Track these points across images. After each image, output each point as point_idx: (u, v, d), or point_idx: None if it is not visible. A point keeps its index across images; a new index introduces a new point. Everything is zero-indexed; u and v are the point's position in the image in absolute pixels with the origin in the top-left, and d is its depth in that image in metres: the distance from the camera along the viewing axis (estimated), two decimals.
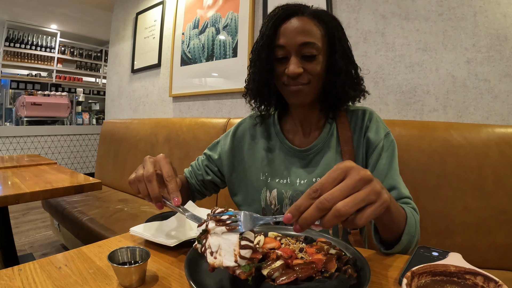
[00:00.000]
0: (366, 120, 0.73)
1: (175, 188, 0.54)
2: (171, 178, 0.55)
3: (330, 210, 0.36)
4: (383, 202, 0.38)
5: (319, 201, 0.37)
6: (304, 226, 0.37)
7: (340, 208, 0.36)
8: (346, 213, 0.36)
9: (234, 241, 0.37)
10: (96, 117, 5.03)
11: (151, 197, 0.54)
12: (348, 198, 0.37)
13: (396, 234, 0.54)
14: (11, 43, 4.28)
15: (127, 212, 1.67)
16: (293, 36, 0.65)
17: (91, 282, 0.43)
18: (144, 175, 0.54)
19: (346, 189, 0.37)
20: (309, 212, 0.37)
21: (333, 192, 0.37)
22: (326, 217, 0.37)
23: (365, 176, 0.38)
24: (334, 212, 0.36)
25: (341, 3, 1.43)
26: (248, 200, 0.80)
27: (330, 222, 0.36)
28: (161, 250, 0.55)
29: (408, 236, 0.54)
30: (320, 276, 0.39)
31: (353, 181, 0.37)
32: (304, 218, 0.37)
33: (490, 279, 0.32)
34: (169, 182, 0.54)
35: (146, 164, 0.56)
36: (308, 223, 0.37)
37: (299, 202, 0.38)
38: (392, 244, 0.54)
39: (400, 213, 0.53)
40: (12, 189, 1.04)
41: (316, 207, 0.37)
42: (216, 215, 0.40)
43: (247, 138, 0.83)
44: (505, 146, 0.94)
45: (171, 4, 2.30)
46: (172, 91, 2.23)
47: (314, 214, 0.37)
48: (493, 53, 1.08)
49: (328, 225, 0.37)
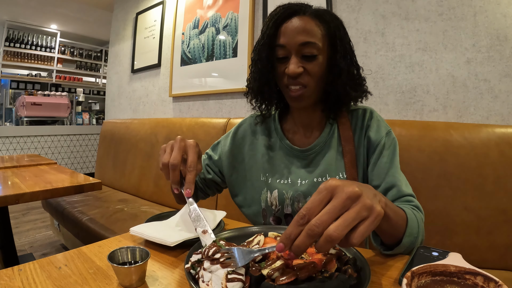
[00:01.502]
0: (366, 119, 0.73)
1: (191, 179, 0.56)
2: (192, 169, 0.57)
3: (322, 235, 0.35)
4: (376, 215, 0.36)
5: (308, 228, 0.35)
6: (298, 254, 0.36)
7: (331, 233, 0.34)
8: (338, 237, 0.34)
9: (221, 275, 0.38)
10: (96, 117, 5.03)
11: (171, 182, 0.57)
12: (338, 220, 0.35)
13: (397, 237, 0.53)
14: (11, 43, 4.28)
15: (127, 212, 1.67)
16: (294, 35, 0.65)
17: (91, 282, 0.43)
18: (170, 162, 0.56)
19: (334, 210, 0.35)
20: (300, 240, 0.35)
21: (321, 217, 0.35)
22: (318, 243, 0.35)
23: (352, 193, 0.36)
24: (326, 237, 0.34)
25: (341, 3, 1.43)
26: (249, 201, 0.80)
27: (323, 247, 0.35)
28: (161, 250, 0.55)
29: (409, 238, 0.53)
30: (320, 276, 0.39)
31: (340, 201, 0.35)
32: (297, 246, 0.35)
33: (490, 279, 0.32)
34: (188, 173, 0.57)
35: (175, 148, 0.58)
36: (302, 250, 0.35)
37: (289, 231, 0.36)
38: (394, 246, 0.53)
39: (400, 216, 0.52)
40: (12, 189, 1.04)
41: (306, 234, 0.35)
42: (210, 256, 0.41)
43: (248, 138, 0.83)
44: (505, 146, 0.94)
45: (171, 4, 2.30)
46: (172, 91, 2.23)
47: (305, 241, 0.35)
48: (493, 53, 1.08)
49: (322, 250, 0.35)
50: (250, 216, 0.80)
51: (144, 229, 0.59)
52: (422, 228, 0.58)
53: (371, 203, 0.36)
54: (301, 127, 0.78)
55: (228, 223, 0.71)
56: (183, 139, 0.60)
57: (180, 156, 0.57)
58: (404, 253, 0.55)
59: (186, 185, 0.56)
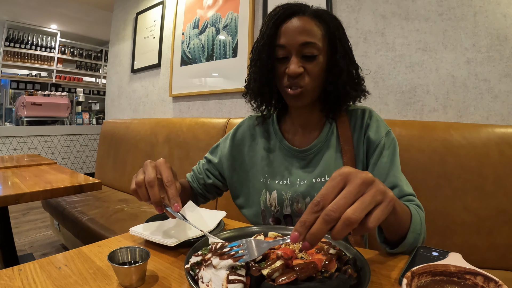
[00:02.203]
0: (366, 120, 0.72)
1: (175, 193, 0.54)
2: (171, 183, 0.54)
3: (339, 220, 0.35)
4: (390, 200, 0.38)
5: (325, 214, 0.35)
6: (314, 242, 0.36)
7: (350, 215, 0.34)
8: (357, 220, 0.34)
9: (222, 276, 0.37)
10: (96, 117, 5.03)
11: (152, 201, 0.53)
12: (355, 203, 0.35)
13: (401, 233, 0.53)
14: (11, 43, 4.28)
15: (127, 212, 1.67)
16: (294, 36, 0.65)
17: (91, 282, 0.43)
18: (146, 180, 0.53)
19: (350, 195, 0.36)
20: (317, 227, 0.35)
21: (338, 201, 0.35)
22: (336, 228, 0.35)
23: (366, 178, 0.37)
24: (344, 221, 0.34)
25: (341, 3, 1.43)
26: (249, 202, 0.80)
27: (341, 232, 0.35)
28: (161, 250, 0.55)
29: (413, 234, 0.53)
30: (320, 276, 0.39)
31: (356, 186, 0.36)
32: (313, 234, 0.35)
33: (490, 279, 0.32)
34: (169, 188, 0.54)
35: (147, 168, 0.55)
36: (318, 238, 0.35)
37: (304, 218, 0.36)
38: (398, 243, 0.54)
39: (405, 211, 0.53)
40: (12, 189, 1.04)
41: (323, 220, 0.35)
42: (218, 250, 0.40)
43: (247, 140, 0.83)
44: (505, 146, 0.94)
45: (171, 4, 2.30)
46: (172, 91, 2.23)
47: (322, 228, 0.35)
48: (493, 53, 1.08)
49: (339, 236, 0.35)
50: (250, 217, 0.80)
51: (144, 229, 0.59)
52: (424, 227, 0.59)
53: (384, 188, 0.37)
54: (299, 127, 0.77)
55: (228, 223, 0.71)
56: (152, 161, 0.57)
57: (154, 174, 0.54)
58: (405, 252, 0.55)
59: (172, 200, 0.53)
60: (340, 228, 0.34)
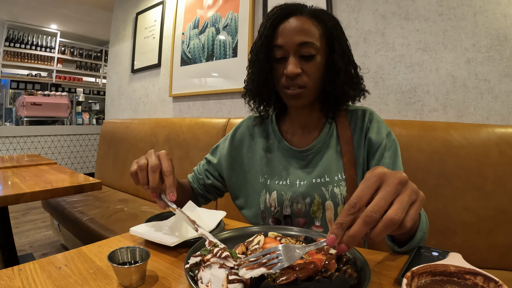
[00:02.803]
0: (366, 121, 0.72)
1: (171, 183, 0.55)
2: (169, 173, 0.56)
3: (379, 221, 0.34)
4: (422, 199, 0.38)
5: (365, 215, 0.34)
6: (351, 245, 0.35)
7: (393, 216, 0.34)
8: (399, 220, 0.34)
9: (222, 277, 0.37)
10: (96, 117, 5.03)
11: (150, 186, 0.55)
12: (395, 204, 0.35)
13: (411, 231, 0.54)
14: (11, 43, 4.28)
15: (127, 212, 1.67)
16: (292, 36, 0.65)
17: (91, 282, 0.43)
18: (149, 165, 0.55)
19: (388, 196, 0.35)
20: (356, 228, 0.35)
21: (378, 202, 0.35)
22: (376, 229, 0.34)
23: (402, 178, 0.37)
24: (387, 222, 0.34)
25: (341, 3, 1.43)
26: (249, 203, 0.80)
27: (382, 233, 0.34)
28: (161, 250, 0.55)
29: (421, 232, 0.54)
30: (320, 276, 0.39)
31: (393, 187, 0.36)
32: (351, 236, 0.35)
33: (490, 279, 0.32)
34: (166, 177, 0.56)
35: (151, 156, 0.57)
36: (356, 240, 0.35)
37: (340, 220, 0.36)
38: (406, 241, 0.54)
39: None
40: (12, 189, 1.04)
41: (363, 222, 0.34)
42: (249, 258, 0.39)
43: (246, 140, 0.83)
44: (505, 146, 0.94)
45: (171, 4, 2.30)
46: (172, 91, 2.23)
47: (362, 229, 0.35)
48: (493, 53, 1.08)
49: (378, 237, 0.35)
50: (250, 217, 0.80)
51: (144, 229, 0.59)
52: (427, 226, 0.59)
53: (416, 188, 0.38)
54: (299, 128, 0.77)
55: (228, 223, 0.71)
56: (155, 151, 0.59)
57: (158, 161, 0.55)
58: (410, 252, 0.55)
59: (168, 190, 0.54)
60: (382, 229, 0.34)
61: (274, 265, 0.37)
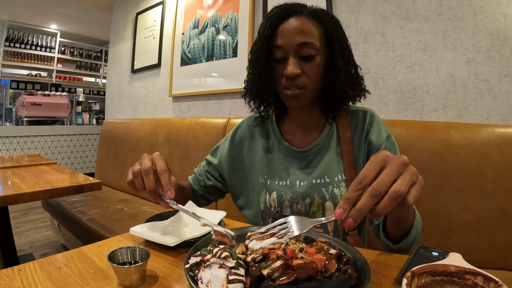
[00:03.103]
0: (367, 123, 0.72)
1: (167, 181, 0.55)
2: (164, 171, 0.56)
3: (385, 195, 0.37)
4: (421, 182, 0.41)
5: (372, 189, 0.37)
6: (358, 218, 0.38)
7: (397, 189, 0.37)
8: (404, 193, 0.37)
9: (221, 277, 0.37)
10: (96, 117, 5.03)
11: (147, 190, 0.55)
12: (399, 180, 0.38)
13: (405, 228, 0.55)
14: (11, 43, 4.28)
15: (127, 212, 1.67)
16: (291, 36, 0.64)
17: (91, 282, 0.43)
18: (142, 169, 0.55)
19: (392, 173, 0.39)
20: (363, 202, 0.37)
21: (383, 178, 0.38)
22: (382, 202, 0.37)
23: (404, 160, 0.40)
24: (392, 194, 0.37)
25: (341, 3, 1.43)
26: (249, 203, 0.80)
27: (387, 206, 0.37)
28: (161, 250, 0.55)
29: (415, 231, 0.55)
30: (320, 276, 0.39)
31: (396, 166, 0.39)
32: (358, 209, 0.37)
33: (490, 279, 0.32)
34: (161, 176, 0.55)
35: (144, 159, 0.57)
36: (363, 213, 0.37)
37: (347, 195, 0.39)
38: (401, 239, 0.56)
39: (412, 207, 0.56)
40: (12, 189, 1.04)
41: (370, 195, 0.37)
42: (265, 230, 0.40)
43: (246, 140, 0.83)
44: (505, 146, 0.94)
45: (171, 4, 2.30)
46: (172, 91, 2.23)
47: (368, 202, 0.37)
48: (493, 53, 1.08)
49: (384, 211, 0.37)
50: (250, 218, 0.80)
51: (144, 229, 0.59)
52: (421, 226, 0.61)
53: (416, 170, 0.41)
54: (299, 128, 0.77)
55: (228, 223, 0.71)
56: (148, 154, 0.59)
57: (150, 163, 0.55)
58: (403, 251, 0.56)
59: (165, 188, 0.54)
60: (388, 202, 0.37)
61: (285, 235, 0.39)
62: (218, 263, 0.39)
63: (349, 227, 0.38)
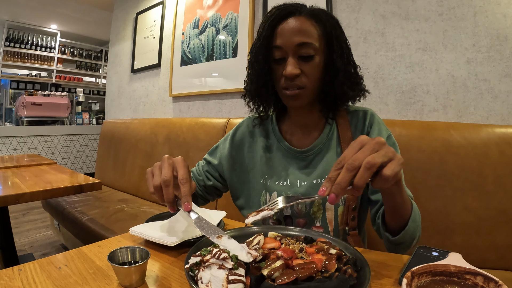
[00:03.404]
0: (367, 124, 0.72)
1: (187, 192, 0.53)
2: (185, 181, 0.53)
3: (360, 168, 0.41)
4: (399, 158, 0.44)
5: (347, 163, 0.42)
6: (339, 192, 0.41)
7: (369, 160, 0.41)
8: (376, 162, 0.41)
9: (221, 277, 0.37)
10: (96, 117, 5.03)
11: (166, 201, 0.53)
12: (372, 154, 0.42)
13: (403, 219, 0.57)
14: (11, 43, 4.28)
15: (127, 212, 1.67)
16: (290, 36, 0.64)
17: (91, 282, 0.43)
18: (162, 180, 0.52)
19: (367, 150, 0.43)
20: (341, 176, 0.42)
21: (357, 155, 0.42)
22: (358, 174, 0.41)
23: (379, 140, 0.44)
24: (365, 164, 0.41)
25: (341, 3, 1.43)
26: (250, 203, 0.80)
27: (363, 176, 0.40)
28: (161, 250, 0.55)
29: (413, 224, 0.57)
30: (320, 276, 0.39)
31: (370, 145, 0.43)
32: (337, 184, 0.41)
33: (490, 279, 0.32)
34: (182, 185, 0.53)
35: (164, 166, 0.54)
36: (342, 187, 0.41)
37: (329, 175, 0.43)
38: (399, 231, 0.57)
39: (407, 197, 0.57)
40: (12, 189, 1.04)
41: (346, 169, 0.41)
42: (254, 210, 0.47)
43: (246, 141, 0.83)
44: (505, 146, 0.94)
45: (171, 4, 2.30)
46: (172, 91, 2.23)
47: (345, 176, 0.41)
48: (493, 53, 1.08)
49: (361, 182, 0.40)
50: None
51: (144, 229, 0.59)
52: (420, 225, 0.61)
53: (393, 150, 0.44)
54: (299, 128, 0.77)
55: (228, 223, 0.71)
56: (170, 157, 0.57)
57: (171, 172, 0.53)
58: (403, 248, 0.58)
59: (183, 199, 0.52)
60: (362, 172, 0.41)
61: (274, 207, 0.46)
62: (217, 264, 0.39)
63: (332, 202, 0.41)
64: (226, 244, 0.44)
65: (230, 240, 0.45)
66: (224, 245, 0.44)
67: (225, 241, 0.45)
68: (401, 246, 0.59)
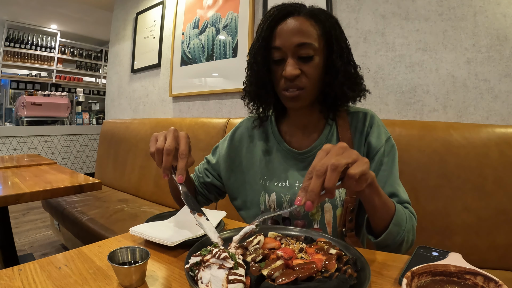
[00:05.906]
0: (367, 125, 0.72)
1: (182, 166, 0.56)
2: (184, 156, 0.57)
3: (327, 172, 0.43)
4: (364, 160, 0.46)
5: (315, 171, 0.44)
6: (314, 199, 0.42)
7: (333, 161, 0.43)
8: (340, 163, 0.43)
9: (221, 277, 0.37)
10: (96, 117, 5.03)
11: (162, 167, 0.56)
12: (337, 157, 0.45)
13: (384, 222, 0.58)
14: (11, 43, 4.28)
15: (127, 212, 1.67)
16: (289, 37, 0.64)
17: (91, 282, 0.43)
18: (164, 148, 0.56)
19: (331, 156, 0.45)
20: (312, 183, 0.43)
21: (324, 160, 0.45)
22: (326, 178, 0.43)
23: (342, 144, 0.47)
24: (331, 166, 0.43)
25: (341, 3, 1.43)
26: (248, 204, 0.79)
27: (331, 179, 0.42)
28: (161, 250, 0.55)
29: (397, 227, 0.57)
30: (320, 276, 0.39)
31: (334, 150, 0.46)
32: (310, 191, 0.43)
33: (490, 279, 0.32)
34: (181, 159, 0.57)
35: (169, 136, 0.58)
36: (315, 193, 0.43)
37: (303, 185, 0.45)
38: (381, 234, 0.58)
39: (388, 200, 0.58)
40: (12, 189, 1.04)
41: (315, 176, 0.43)
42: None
43: (245, 141, 0.83)
44: (505, 146, 0.94)
45: (171, 4, 2.30)
46: (172, 91, 2.23)
47: (316, 182, 0.43)
48: (493, 53, 1.08)
49: (330, 184, 0.42)
50: (249, 218, 0.80)
51: (144, 229, 0.59)
52: (412, 227, 0.62)
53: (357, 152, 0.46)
54: (298, 129, 0.77)
55: (228, 223, 0.71)
56: (176, 130, 0.60)
57: (174, 143, 0.57)
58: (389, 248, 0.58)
59: (178, 171, 0.56)
60: (329, 175, 0.43)
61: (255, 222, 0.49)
62: (218, 264, 0.39)
63: (309, 209, 0.42)
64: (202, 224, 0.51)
65: (207, 222, 0.52)
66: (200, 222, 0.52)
67: (203, 220, 0.52)
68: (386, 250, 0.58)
